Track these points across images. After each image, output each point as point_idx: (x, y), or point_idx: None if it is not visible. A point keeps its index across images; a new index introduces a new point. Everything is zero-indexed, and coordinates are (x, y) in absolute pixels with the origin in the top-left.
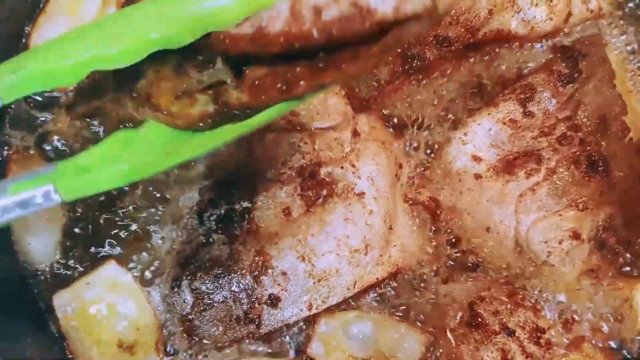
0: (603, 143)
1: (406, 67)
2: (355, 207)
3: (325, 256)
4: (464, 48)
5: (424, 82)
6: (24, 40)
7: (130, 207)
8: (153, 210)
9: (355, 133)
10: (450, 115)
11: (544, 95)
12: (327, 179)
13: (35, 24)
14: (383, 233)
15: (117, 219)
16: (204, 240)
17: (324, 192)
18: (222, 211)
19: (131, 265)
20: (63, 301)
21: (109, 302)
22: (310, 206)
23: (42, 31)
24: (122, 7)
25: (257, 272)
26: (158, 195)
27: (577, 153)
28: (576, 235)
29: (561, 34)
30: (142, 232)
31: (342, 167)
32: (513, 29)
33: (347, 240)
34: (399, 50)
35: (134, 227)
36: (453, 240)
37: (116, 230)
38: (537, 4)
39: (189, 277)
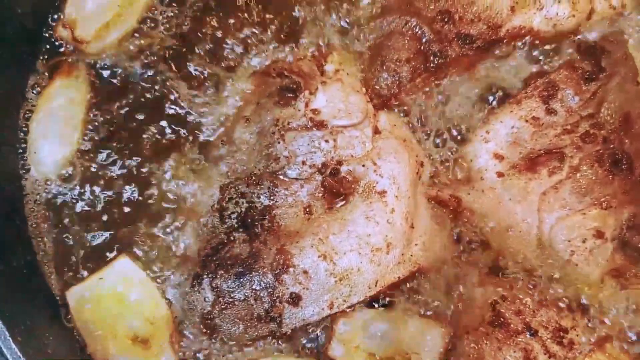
0: (627, 141)
1: (428, 65)
2: (377, 205)
3: (347, 255)
4: (486, 45)
5: (445, 79)
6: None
7: (150, 203)
8: (174, 207)
9: (377, 131)
10: (472, 113)
11: (567, 93)
12: (349, 177)
13: None
14: (404, 232)
15: (135, 216)
16: (225, 239)
17: (345, 190)
18: (243, 209)
19: (149, 262)
20: (77, 296)
21: (122, 297)
22: (332, 204)
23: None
24: None
25: (278, 271)
26: (178, 192)
27: (601, 151)
28: (600, 234)
29: (584, 31)
30: (162, 229)
31: (363, 165)
32: (535, 26)
33: (368, 239)
34: (421, 48)
35: (153, 224)
36: (475, 238)
37: (135, 226)
38: (559, 1)
39: (210, 275)
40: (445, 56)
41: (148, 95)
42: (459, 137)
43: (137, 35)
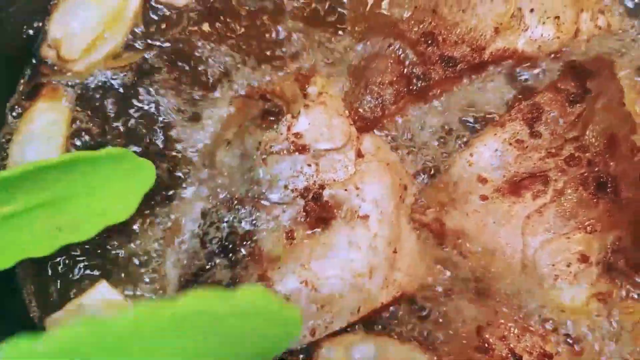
0: (612, 163)
1: (411, 88)
2: (360, 230)
3: (329, 281)
4: (470, 68)
5: (428, 102)
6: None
7: (134, 227)
8: (154, 232)
9: (360, 154)
10: (455, 136)
11: (552, 115)
12: (331, 202)
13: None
14: (387, 256)
15: (115, 241)
16: (206, 264)
17: (328, 214)
18: (224, 234)
19: (129, 287)
20: (56, 323)
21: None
22: (314, 229)
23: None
24: None
25: None
26: (161, 216)
27: (585, 174)
28: (584, 258)
29: (569, 51)
30: (143, 253)
31: (345, 190)
32: (520, 47)
33: (351, 265)
34: (404, 71)
35: (134, 248)
36: (459, 262)
37: (115, 251)
38: (544, 22)
39: None
40: (429, 79)
41: (132, 113)
42: (442, 160)
43: (121, 55)
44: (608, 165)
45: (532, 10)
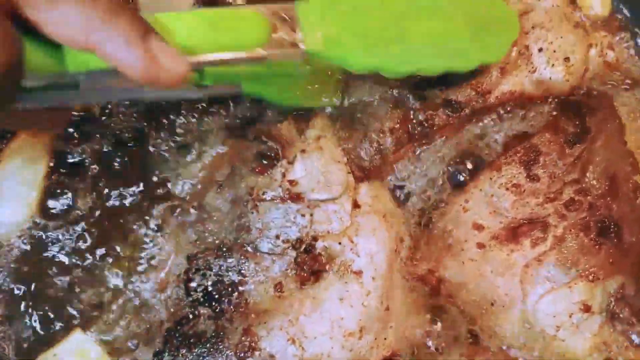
0: (614, 206)
1: (412, 134)
2: (352, 286)
3: (317, 339)
4: (474, 112)
5: (425, 148)
6: None
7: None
8: (136, 276)
9: (356, 205)
10: (452, 182)
11: (550, 157)
12: (324, 255)
13: None
14: (379, 315)
15: (89, 286)
16: (190, 313)
17: (320, 268)
18: (210, 283)
19: (107, 335)
20: None
21: None
22: (304, 283)
23: None
24: None
25: (242, 354)
26: (144, 259)
27: (586, 218)
28: (587, 308)
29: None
30: (123, 298)
31: (340, 243)
32: (527, 90)
33: (341, 322)
34: (405, 117)
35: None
36: (455, 315)
37: (94, 297)
38: (553, 65)
39: (171, 354)
40: (432, 125)
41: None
42: (439, 207)
43: None
44: (610, 208)
45: (540, 50)
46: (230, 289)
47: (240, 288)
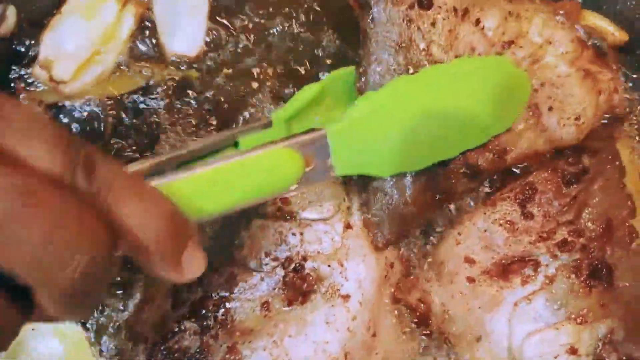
0: (608, 249)
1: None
2: (339, 310)
3: None
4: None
5: None
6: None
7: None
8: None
9: (348, 226)
10: (446, 212)
11: (546, 196)
12: (312, 275)
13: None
14: (365, 341)
15: None
16: (175, 327)
17: (308, 288)
18: (197, 297)
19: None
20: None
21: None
22: (292, 303)
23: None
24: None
25: None
26: (131, 270)
27: (579, 260)
28: (573, 351)
29: None
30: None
31: (329, 265)
32: (540, 149)
33: (325, 346)
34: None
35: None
36: (442, 347)
37: None
38: (564, 125)
39: None
40: (454, 193)
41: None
42: (432, 236)
43: (116, 74)
44: (603, 251)
45: (550, 109)
46: (216, 305)
47: (227, 305)
